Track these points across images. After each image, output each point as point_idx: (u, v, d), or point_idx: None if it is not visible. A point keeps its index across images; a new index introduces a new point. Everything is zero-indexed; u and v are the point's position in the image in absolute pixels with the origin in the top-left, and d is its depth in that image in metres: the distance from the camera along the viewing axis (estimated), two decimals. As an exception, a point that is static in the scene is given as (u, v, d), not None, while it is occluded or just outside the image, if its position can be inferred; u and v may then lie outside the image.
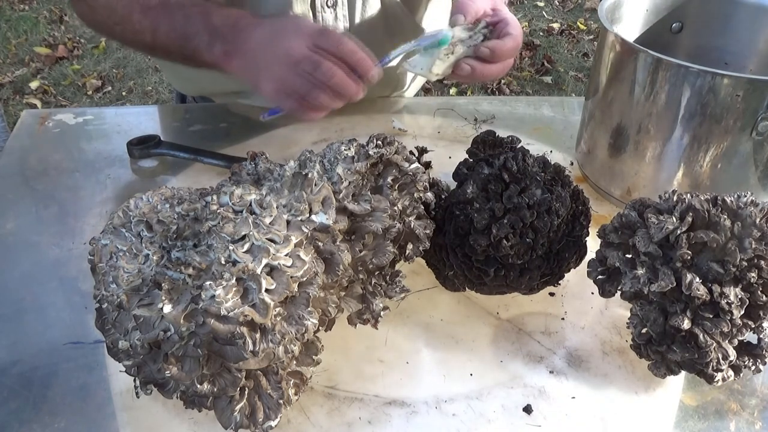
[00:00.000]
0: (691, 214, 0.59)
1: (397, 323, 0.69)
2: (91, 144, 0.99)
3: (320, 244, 0.56)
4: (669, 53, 0.74)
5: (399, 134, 1.00)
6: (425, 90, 2.76)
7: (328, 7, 0.93)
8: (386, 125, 1.02)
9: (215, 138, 0.99)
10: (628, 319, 0.62)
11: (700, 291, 0.56)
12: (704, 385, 0.62)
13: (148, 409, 0.59)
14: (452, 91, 2.93)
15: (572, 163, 0.95)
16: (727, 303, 0.56)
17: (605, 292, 0.63)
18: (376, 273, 0.62)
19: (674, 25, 0.94)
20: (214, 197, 0.56)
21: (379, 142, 0.63)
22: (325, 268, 0.55)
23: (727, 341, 0.58)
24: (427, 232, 0.65)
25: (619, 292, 0.62)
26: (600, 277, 0.64)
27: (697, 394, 0.63)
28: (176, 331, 0.49)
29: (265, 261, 0.51)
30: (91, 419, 0.59)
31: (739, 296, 0.57)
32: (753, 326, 0.58)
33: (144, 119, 1.07)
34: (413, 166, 0.64)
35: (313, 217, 0.56)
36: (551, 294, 0.73)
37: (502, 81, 3.01)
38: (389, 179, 0.62)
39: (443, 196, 0.70)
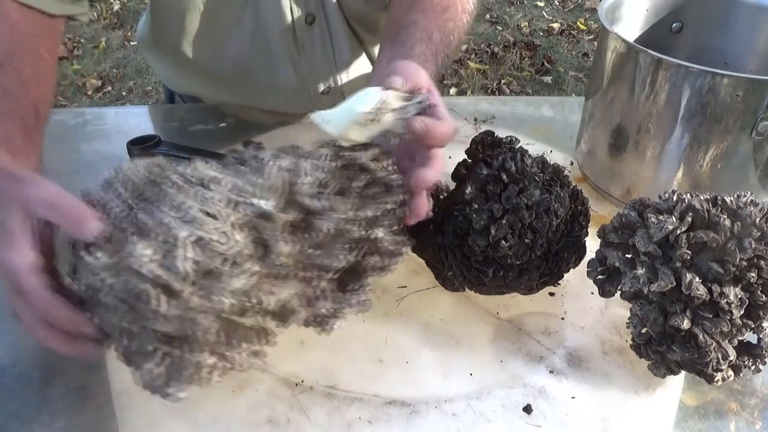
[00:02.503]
0: (690, 214, 0.59)
1: (397, 323, 0.69)
2: (91, 144, 0.99)
3: (261, 230, 0.55)
4: (669, 53, 0.74)
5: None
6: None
7: (308, 24, 0.93)
8: (386, 125, 1.02)
9: (215, 138, 0.99)
10: (628, 319, 0.62)
11: (700, 291, 0.56)
12: (704, 385, 0.62)
13: (148, 409, 0.59)
14: (452, 91, 2.93)
15: (572, 163, 0.95)
16: (727, 303, 0.56)
17: (605, 292, 0.63)
18: (327, 277, 0.59)
19: (674, 25, 0.94)
20: (175, 166, 0.57)
21: (360, 146, 0.61)
22: (261, 254, 0.55)
23: (726, 341, 0.58)
24: (396, 248, 0.61)
25: (619, 292, 0.63)
26: (600, 277, 0.64)
27: (697, 394, 0.64)
28: (106, 280, 0.51)
29: (195, 231, 0.51)
30: (91, 419, 0.59)
31: (739, 296, 0.57)
32: (753, 326, 0.58)
33: (144, 119, 1.07)
34: (391, 176, 0.61)
35: (256, 200, 0.55)
36: (551, 294, 0.73)
37: (502, 81, 3.01)
38: (358, 184, 0.60)
39: (441, 197, 0.70)
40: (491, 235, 0.63)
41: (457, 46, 0.80)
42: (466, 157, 0.72)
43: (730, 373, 0.59)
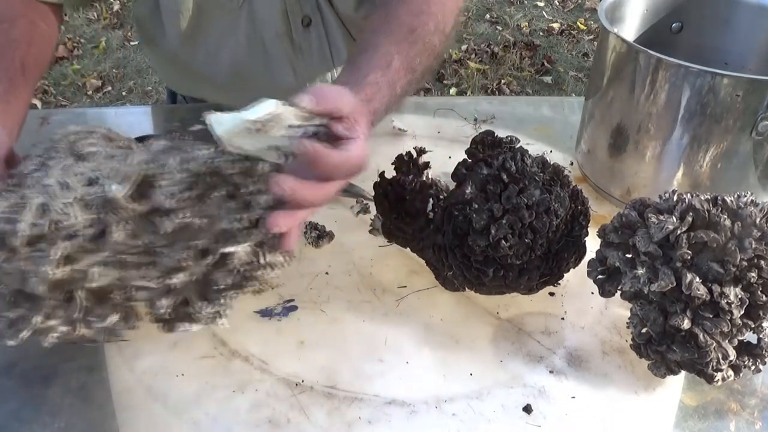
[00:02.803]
0: (691, 214, 0.59)
1: (397, 323, 0.69)
2: (91, 144, 0.99)
3: (105, 213, 0.56)
4: (669, 53, 0.74)
5: (399, 134, 1.00)
6: (425, 90, 2.76)
7: (304, 26, 0.93)
8: (386, 125, 1.02)
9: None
10: (628, 319, 0.62)
11: (700, 291, 0.56)
12: (704, 385, 0.62)
13: (148, 410, 0.59)
14: (452, 91, 2.93)
15: (572, 163, 0.95)
16: (727, 303, 0.56)
17: (605, 292, 0.63)
18: (174, 278, 0.58)
19: (674, 25, 0.94)
20: (69, 136, 0.62)
21: (241, 157, 0.60)
22: (96, 236, 0.56)
23: (727, 341, 0.58)
24: (249, 269, 0.59)
25: (619, 292, 0.63)
26: (600, 277, 0.64)
27: (697, 394, 0.64)
28: None
29: (44, 198, 0.55)
30: (91, 419, 0.59)
31: (739, 296, 0.57)
32: (753, 326, 0.58)
33: (144, 119, 1.07)
34: (254, 196, 0.59)
35: (107, 183, 0.56)
36: (551, 294, 0.73)
37: (502, 81, 3.01)
38: (217, 195, 0.58)
39: (441, 197, 0.70)
40: (491, 234, 0.63)
41: (425, 70, 0.75)
42: (466, 157, 0.72)
43: (730, 373, 0.59)
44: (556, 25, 3.47)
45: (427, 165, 0.74)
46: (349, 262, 0.76)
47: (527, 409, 0.60)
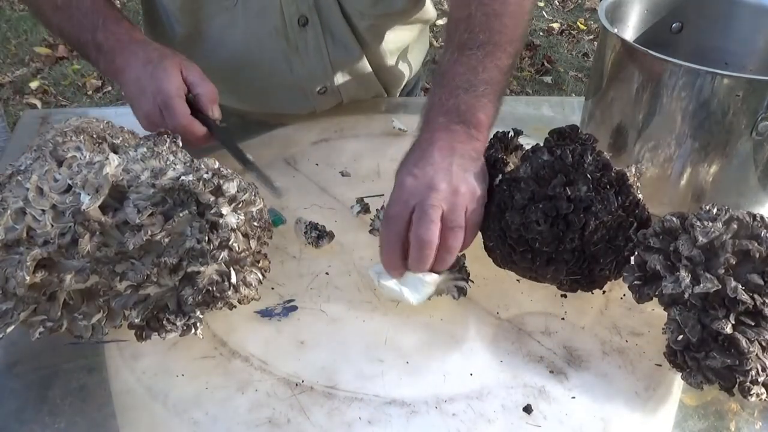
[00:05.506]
0: (735, 222, 0.59)
1: (397, 323, 0.69)
2: (91, 144, 0.99)
3: (77, 221, 0.57)
4: (669, 53, 0.74)
5: (399, 134, 1.00)
6: (425, 90, 2.75)
7: (300, 26, 0.93)
8: (386, 125, 1.02)
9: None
10: (665, 325, 0.61)
11: (745, 297, 0.56)
12: (704, 385, 0.62)
13: (148, 410, 0.59)
14: (452, 91, 2.92)
15: (572, 163, 0.95)
16: (770, 312, 0.56)
17: (643, 296, 0.62)
18: (144, 289, 0.59)
19: (674, 25, 0.94)
20: (56, 137, 0.65)
21: (204, 167, 0.61)
22: (66, 244, 0.57)
23: (765, 354, 0.57)
24: (217, 289, 0.60)
25: (656, 297, 0.62)
26: (636, 282, 0.63)
27: (697, 394, 0.63)
28: None
29: (21, 202, 0.57)
30: (91, 419, 0.59)
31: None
32: None
33: (144, 119, 1.07)
34: (226, 217, 0.59)
35: (82, 193, 0.57)
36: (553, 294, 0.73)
37: (502, 81, 3.00)
38: (186, 212, 0.59)
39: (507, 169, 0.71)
40: (525, 214, 0.64)
41: (509, 30, 0.84)
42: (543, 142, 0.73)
43: (763, 390, 0.58)
44: (556, 25, 3.47)
45: (518, 147, 0.75)
46: (349, 262, 0.76)
47: (527, 409, 0.60)
